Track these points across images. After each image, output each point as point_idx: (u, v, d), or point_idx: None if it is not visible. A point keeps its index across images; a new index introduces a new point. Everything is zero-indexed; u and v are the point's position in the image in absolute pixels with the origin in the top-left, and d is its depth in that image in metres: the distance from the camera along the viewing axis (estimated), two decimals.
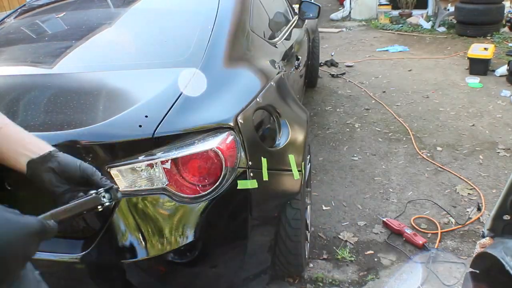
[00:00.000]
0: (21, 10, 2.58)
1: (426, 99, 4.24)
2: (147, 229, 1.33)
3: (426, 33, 6.90)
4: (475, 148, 3.23)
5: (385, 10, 7.98)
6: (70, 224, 1.43)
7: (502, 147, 3.22)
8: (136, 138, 1.29)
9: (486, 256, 0.99)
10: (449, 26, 6.98)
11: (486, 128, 3.55)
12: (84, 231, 1.40)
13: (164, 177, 1.30)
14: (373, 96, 4.40)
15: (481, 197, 2.60)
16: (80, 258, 1.35)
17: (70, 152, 1.27)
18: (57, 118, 1.39)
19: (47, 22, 2.32)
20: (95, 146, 1.27)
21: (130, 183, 1.32)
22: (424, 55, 5.74)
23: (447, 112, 3.91)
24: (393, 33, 7.13)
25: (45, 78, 1.72)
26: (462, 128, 3.56)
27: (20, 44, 2.11)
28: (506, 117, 3.72)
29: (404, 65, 5.37)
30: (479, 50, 4.71)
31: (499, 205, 1.02)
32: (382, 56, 5.85)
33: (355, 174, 2.98)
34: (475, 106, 4.00)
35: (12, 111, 1.50)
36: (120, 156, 1.29)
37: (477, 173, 2.89)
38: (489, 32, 6.22)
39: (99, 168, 1.28)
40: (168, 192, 1.32)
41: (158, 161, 1.29)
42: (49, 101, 1.51)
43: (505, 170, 2.90)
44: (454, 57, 5.56)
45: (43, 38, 2.15)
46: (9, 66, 1.91)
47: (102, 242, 1.34)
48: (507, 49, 5.52)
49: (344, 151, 3.34)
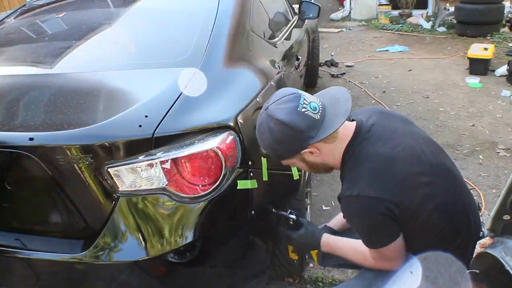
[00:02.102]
0: (21, 10, 2.58)
1: (426, 99, 4.23)
2: (147, 229, 1.33)
3: (426, 33, 6.89)
4: (475, 148, 3.23)
5: (385, 10, 7.98)
6: (70, 224, 1.43)
7: (502, 147, 3.22)
8: (136, 138, 1.29)
9: (486, 256, 0.99)
10: (449, 26, 6.97)
11: (486, 128, 3.55)
12: (84, 231, 1.40)
13: (164, 177, 1.30)
14: (373, 96, 4.40)
15: (481, 197, 2.60)
16: (80, 258, 1.35)
17: (70, 152, 1.28)
18: (57, 118, 1.39)
19: (47, 22, 2.32)
20: (95, 146, 1.27)
21: (130, 183, 1.32)
22: (424, 55, 5.74)
23: (447, 112, 3.90)
24: (393, 33, 7.12)
25: (45, 78, 1.72)
26: (462, 128, 3.56)
27: (20, 44, 2.11)
28: (506, 117, 3.72)
29: (404, 65, 5.37)
30: (479, 50, 4.71)
31: (499, 205, 1.02)
32: (382, 56, 5.85)
33: None
34: (475, 106, 4.00)
35: (12, 111, 1.50)
36: (120, 156, 1.29)
37: (477, 173, 2.89)
38: (489, 32, 6.21)
39: (99, 168, 1.29)
40: (168, 192, 1.32)
41: (158, 161, 1.29)
42: (49, 101, 1.51)
43: (505, 170, 2.90)
44: (454, 57, 5.55)
45: (43, 38, 2.15)
46: (9, 66, 1.91)
47: (102, 242, 1.35)
48: (507, 49, 5.52)
49: None
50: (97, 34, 2.05)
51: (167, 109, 1.35)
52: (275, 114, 1.19)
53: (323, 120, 1.20)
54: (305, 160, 1.30)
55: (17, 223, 1.51)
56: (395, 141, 1.25)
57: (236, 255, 1.55)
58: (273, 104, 1.22)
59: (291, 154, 1.27)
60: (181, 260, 1.39)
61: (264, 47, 2.20)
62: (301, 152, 1.25)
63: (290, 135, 1.19)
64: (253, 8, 2.21)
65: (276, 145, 1.24)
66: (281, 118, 1.18)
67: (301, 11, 3.43)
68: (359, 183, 1.20)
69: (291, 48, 2.71)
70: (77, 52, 1.89)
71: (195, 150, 1.31)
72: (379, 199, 1.17)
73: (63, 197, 1.36)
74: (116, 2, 2.43)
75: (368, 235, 1.27)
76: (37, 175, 1.34)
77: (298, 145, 1.23)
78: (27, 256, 1.41)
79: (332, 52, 6.18)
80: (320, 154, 1.27)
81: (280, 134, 1.20)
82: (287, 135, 1.19)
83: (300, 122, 1.18)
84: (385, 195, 1.17)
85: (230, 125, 1.39)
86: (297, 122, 1.17)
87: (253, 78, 1.82)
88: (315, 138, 1.19)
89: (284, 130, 1.19)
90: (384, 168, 1.21)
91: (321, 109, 1.21)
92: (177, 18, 2.12)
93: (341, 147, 1.27)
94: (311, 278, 2.07)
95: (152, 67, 1.68)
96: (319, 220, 2.50)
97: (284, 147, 1.24)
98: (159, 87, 1.47)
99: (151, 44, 1.93)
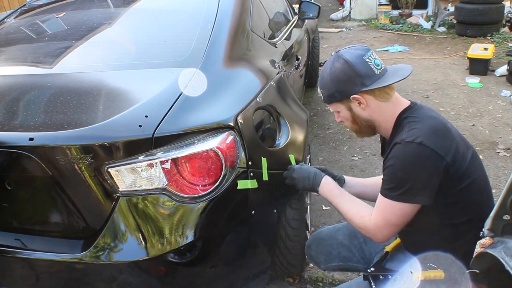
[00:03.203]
0: (21, 10, 2.58)
1: (426, 99, 4.23)
2: (147, 229, 1.33)
3: (426, 33, 6.89)
4: (475, 148, 3.23)
5: (385, 10, 7.98)
6: (70, 224, 1.43)
7: (502, 147, 3.22)
8: (136, 138, 1.29)
9: (486, 256, 0.99)
10: (449, 26, 6.98)
11: (486, 128, 3.55)
12: (84, 231, 1.40)
13: (164, 177, 1.30)
14: None
15: None
16: (80, 258, 1.35)
17: (70, 152, 1.28)
18: (57, 118, 1.39)
19: (47, 22, 2.32)
20: (95, 146, 1.27)
21: (130, 183, 1.32)
22: (424, 55, 5.74)
23: (447, 112, 3.90)
24: (393, 33, 7.13)
25: (45, 78, 1.72)
26: (462, 128, 3.56)
27: (20, 44, 2.11)
28: (506, 117, 3.72)
29: None
30: (479, 50, 4.71)
31: (499, 205, 1.01)
32: (382, 56, 5.85)
33: (355, 174, 2.98)
34: (475, 106, 4.00)
35: (12, 111, 1.50)
36: (120, 156, 1.29)
37: None
38: (489, 32, 6.22)
39: (99, 168, 1.29)
40: (168, 192, 1.32)
41: (158, 161, 1.29)
42: (49, 101, 1.51)
43: (505, 170, 2.90)
44: (454, 57, 5.56)
45: (43, 38, 2.15)
46: (9, 66, 1.91)
47: (102, 242, 1.35)
48: (507, 49, 5.52)
49: (344, 151, 3.34)
50: (97, 34, 2.06)
51: (167, 109, 1.35)
52: (343, 55, 1.32)
53: (380, 76, 1.31)
54: (351, 109, 1.35)
55: (17, 223, 1.51)
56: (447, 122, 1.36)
57: (236, 255, 1.55)
58: (344, 49, 1.36)
59: (341, 95, 1.32)
60: (181, 260, 1.39)
61: (264, 47, 2.20)
62: (351, 98, 1.31)
63: (347, 75, 1.29)
64: (253, 8, 2.21)
65: (331, 83, 1.33)
66: (347, 58, 1.30)
67: (301, 11, 3.43)
68: (422, 134, 1.22)
69: (291, 48, 2.71)
70: (77, 52, 1.89)
71: (195, 150, 1.31)
72: (438, 153, 1.20)
73: (63, 197, 1.36)
74: (116, 2, 2.43)
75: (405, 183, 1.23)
76: (37, 175, 1.34)
77: (351, 88, 1.30)
78: (27, 256, 1.41)
79: (332, 52, 6.17)
80: (367, 107, 1.32)
81: (339, 72, 1.31)
82: (345, 73, 1.29)
83: (360, 67, 1.28)
84: (443, 152, 1.21)
85: (230, 125, 1.39)
86: (358, 66, 1.28)
87: (253, 78, 1.82)
88: (367, 87, 1.28)
89: (344, 68, 1.30)
90: (443, 130, 1.28)
91: (382, 68, 1.33)
92: (177, 18, 2.12)
93: (393, 109, 1.33)
94: (311, 278, 2.07)
95: (152, 67, 1.69)
96: (319, 220, 2.50)
97: (337, 86, 1.32)
98: (159, 87, 1.47)
99: (151, 44, 1.93)
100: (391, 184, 1.26)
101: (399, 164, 1.25)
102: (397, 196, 1.24)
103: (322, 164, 3.14)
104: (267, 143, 1.61)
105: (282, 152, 1.66)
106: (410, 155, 1.22)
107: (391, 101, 1.33)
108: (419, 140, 1.20)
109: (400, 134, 1.27)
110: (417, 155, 1.21)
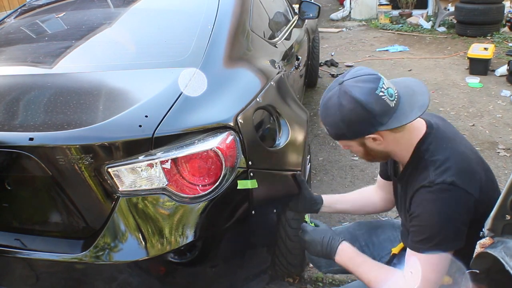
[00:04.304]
0: (21, 10, 2.58)
1: None
2: (147, 229, 1.33)
3: (426, 33, 6.89)
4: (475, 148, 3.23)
5: (385, 10, 7.98)
6: (70, 224, 1.43)
7: (502, 147, 3.22)
8: (136, 138, 1.29)
9: (486, 256, 0.99)
10: (449, 26, 6.98)
11: (486, 128, 3.55)
12: (84, 231, 1.40)
13: (164, 177, 1.30)
14: None
15: None
16: (80, 258, 1.35)
17: (70, 152, 1.28)
18: (57, 118, 1.39)
19: (47, 22, 2.32)
20: (95, 146, 1.27)
21: (130, 183, 1.32)
22: (424, 55, 5.74)
23: (447, 112, 3.90)
24: (393, 33, 7.12)
25: (45, 78, 1.72)
26: (462, 128, 3.55)
27: (20, 44, 2.11)
28: (506, 117, 3.72)
29: (404, 65, 5.37)
30: (479, 50, 4.71)
31: (499, 205, 1.01)
32: (382, 56, 5.85)
33: (355, 174, 2.98)
34: (475, 106, 4.00)
35: (12, 111, 1.50)
36: (120, 156, 1.29)
37: None
38: (489, 32, 6.22)
39: (99, 168, 1.29)
40: (168, 192, 1.32)
41: (158, 161, 1.29)
42: (49, 101, 1.51)
43: (505, 170, 2.90)
44: (454, 57, 5.55)
45: (43, 38, 2.15)
46: (9, 66, 1.91)
47: (102, 242, 1.35)
48: (507, 49, 5.52)
49: (344, 151, 3.34)
50: (97, 34, 2.05)
51: (167, 109, 1.35)
52: (351, 92, 1.12)
53: (396, 109, 1.14)
54: (365, 145, 1.22)
55: (17, 223, 1.51)
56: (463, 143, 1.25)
57: (236, 255, 1.55)
58: (350, 80, 1.15)
59: (354, 136, 1.19)
60: (181, 260, 1.39)
61: (264, 47, 2.20)
62: (365, 137, 1.18)
63: (361, 117, 1.13)
64: (253, 8, 2.21)
65: (342, 124, 1.16)
66: (357, 96, 1.11)
67: (301, 11, 3.43)
68: (452, 173, 1.12)
69: (291, 48, 2.71)
70: (77, 52, 1.89)
71: (195, 150, 1.31)
72: (468, 192, 1.11)
73: (63, 197, 1.36)
74: (116, 2, 2.43)
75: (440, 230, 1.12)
76: (37, 175, 1.34)
77: (365, 129, 1.15)
78: (27, 256, 1.41)
79: (332, 52, 6.18)
80: (383, 142, 1.19)
81: (350, 112, 1.13)
82: (358, 115, 1.13)
83: (375, 105, 1.11)
84: (473, 189, 1.12)
85: (230, 125, 1.39)
86: (372, 105, 1.11)
87: (253, 78, 1.82)
88: (384, 125, 1.14)
89: (357, 109, 1.12)
90: (468, 161, 1.17)
91: (396, 97, 1.16)
92: (177, 18, 2.12)
93: (410, 137, 1.21)
94: (311, 278, 2.07)
95: (152, 67, 1.68)
96: (318, 220, 2.50)
97: (349, 128, 1.16)
98: (159, 87, 1.47)
99: (151, 44, 1.93)
100: (422, 235, 1.15)
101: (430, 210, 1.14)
102: (432, 247, 1.13)
103: (321, 164, 3.14)
104: (267, 143, 1.61)
105: (282, 152, 1.66)
106: (441, 198, 1.12)
107: (406, 128, 1.20)
108: (450, 180, 1.11)
109: (425, 175, 1.16)
110: (449, 198, 1.12)
